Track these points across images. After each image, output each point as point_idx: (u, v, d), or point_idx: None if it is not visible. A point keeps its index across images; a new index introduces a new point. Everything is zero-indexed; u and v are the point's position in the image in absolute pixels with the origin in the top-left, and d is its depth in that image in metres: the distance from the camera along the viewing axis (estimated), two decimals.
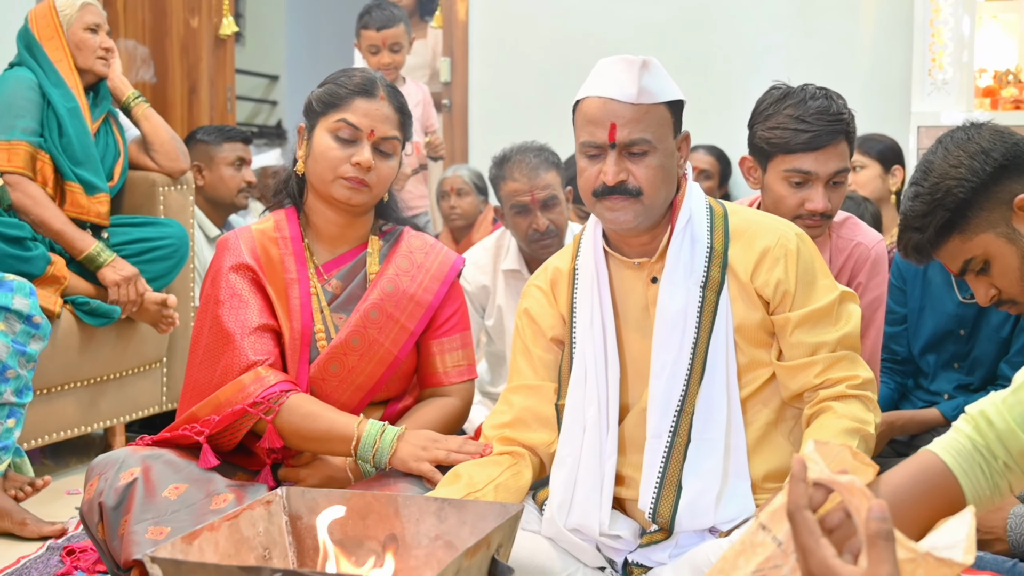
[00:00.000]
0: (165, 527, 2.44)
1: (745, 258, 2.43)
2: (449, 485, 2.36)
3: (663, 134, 2.38)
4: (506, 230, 4.07)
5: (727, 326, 2.40)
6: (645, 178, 2.36)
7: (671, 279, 2.42)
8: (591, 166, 2.41)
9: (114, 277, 3.73)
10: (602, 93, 2.37)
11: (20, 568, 2.92)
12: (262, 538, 2.02)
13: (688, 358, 2.39)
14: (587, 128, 2.40)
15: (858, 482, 1.33)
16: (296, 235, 2.78)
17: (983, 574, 1.78)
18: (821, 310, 2.40)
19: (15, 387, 3.27)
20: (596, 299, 2.47)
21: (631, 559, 2.42)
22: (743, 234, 2.46)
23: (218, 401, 2.61)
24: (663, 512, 2.35)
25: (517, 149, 3.89)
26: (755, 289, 2.42)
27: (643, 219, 2.40)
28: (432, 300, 2.81)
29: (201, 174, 4.84)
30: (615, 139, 2.35)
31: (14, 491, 3.32)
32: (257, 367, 2.62)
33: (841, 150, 2.91)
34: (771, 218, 2.53)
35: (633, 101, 2.34)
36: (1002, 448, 1.73)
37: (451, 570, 1.68)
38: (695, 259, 2.43)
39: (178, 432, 2.63)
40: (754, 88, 3.18)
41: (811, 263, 2.44)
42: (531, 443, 2.51)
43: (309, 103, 2.77)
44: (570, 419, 2.47)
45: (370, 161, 2.68)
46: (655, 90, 2.36)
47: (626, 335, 2.48)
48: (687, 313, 2.40)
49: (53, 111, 3.83)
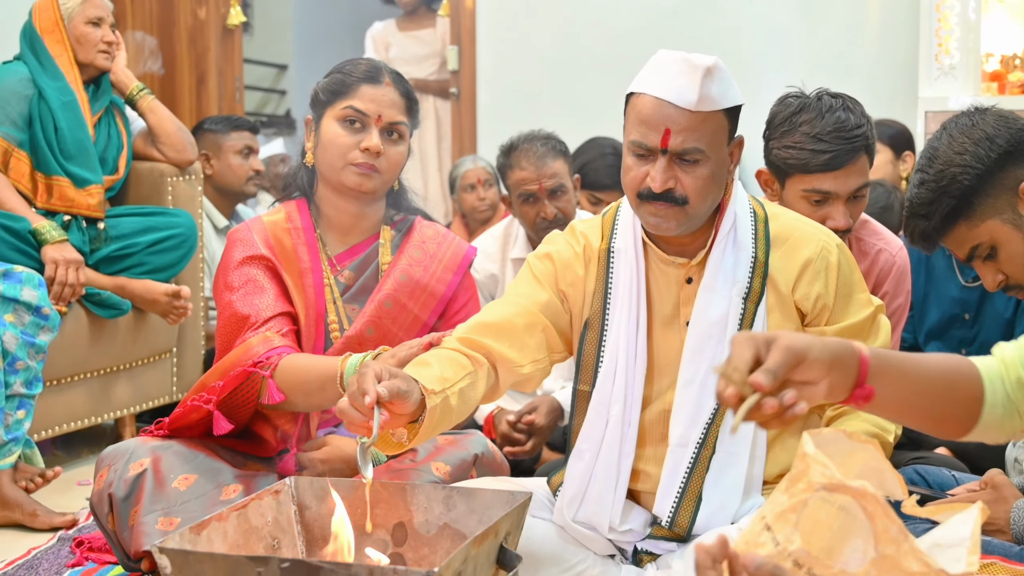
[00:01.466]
0: (175, 518, 2.45)
1: (786, 268, 2.36)
2: (420, 368, 2.19)
3: (718, 143, 2.26)
4: (514, 218, 4.06)
5: None
6: (693, 188, 2.24)
7: (711, 286, 2.34)
8: (638, 166, 2.27)
9: (54, 255, 3.64)
10: (659, 94, 2.22)
11: (31, 559, 2.93)
12: (271, 528, 2.02)
13: None
14: (639, 128, 2.25)
15: (870, 487, 1.31)
16: (308, 226, 2.78)
17: (991, 558, 1.78)
18: (857, 325, 2.36)
19: (25, 378, 3.27)
20: (634, 292, 2.38)
21: (641, 547, 2.41)
22: (784, 242, 2.38)
23: (225, 366, 2.60)
24: (681, 522, 2.31)
25: (524, 138, 3.88)
26: (795, 302, 2.35)
27: (686, 227, 2.31)
28: (445, 290, 2.81)
29: (209, 163, 4.87)
30: (668, 145, 2.22)
31: (24, 482, 3.33)
32: (266, 333, 2.61)
33: (861, 165, 2.83)
34: (811, 225, 2.45)
35: (692, 108, 2.20)
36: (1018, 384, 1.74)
37: (459, 559, 1.68)
38: (738, 268, 2.35)
39: (189, 404, 2.61)
40: (762, 75, 3.17)
41: (850, 276, 2.38)
42: (497, 353, 2.36)
43: (315, 93, 2.77)
44: (594, 413, 2.40)
45: (379, 146, 2.68)
46: (716, 97, 2.23)
47: (655, 331, 2.41)
48: (727, 324, 2.33)
49: (46, 104, 3.81)
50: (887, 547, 1.28)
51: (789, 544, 1.31)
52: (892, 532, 1.28)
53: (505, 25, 6.70)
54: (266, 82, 9.52)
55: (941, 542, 1.41)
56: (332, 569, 1.64)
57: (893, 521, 1.29)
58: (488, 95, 6.77)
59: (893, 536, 1.28)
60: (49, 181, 3.81)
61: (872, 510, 1.30)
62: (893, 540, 1.28)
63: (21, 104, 3.79)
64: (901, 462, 2.93)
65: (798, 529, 1.32)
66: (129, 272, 3.95)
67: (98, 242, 3.89)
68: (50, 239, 3.62)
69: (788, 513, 1.33)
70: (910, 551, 1.28)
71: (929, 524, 2.03)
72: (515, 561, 1.86)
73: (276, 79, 9.63)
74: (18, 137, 3.76)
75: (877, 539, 1.29)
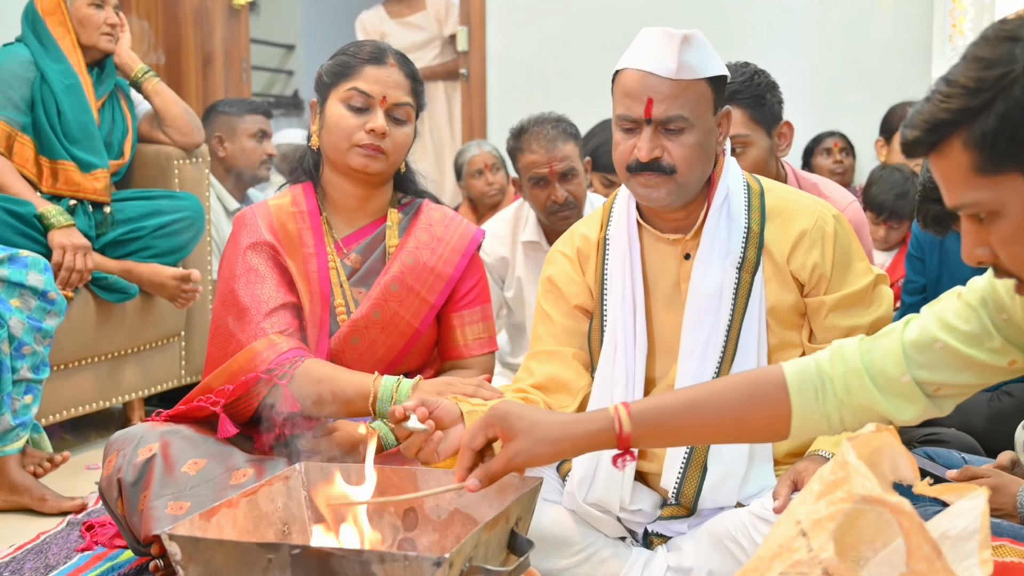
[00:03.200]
0: (185, 502, 2.44)
1: (782, 240, 2.40)
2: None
3: (702, 111, 2.31)
4: (524, 201, 4.05)
5: (760, 308, 2.38)
6: (680, 156, 2.30)
7: (706, 258, 2.38)
8: (626, 140, 2.34)
9: (62, 240, 3.63)
10: (640, 66, 2.29)
11: (40, 544, 2.92)
12: (281, 513, 2.01)
13: (722, 340, 2.36)
14: (624, 101, 2.32)
15: (907, 505, 1.31)
16: (314, 209, 2.77)
17: (1000, 540, 1.77)
18: (856, 294, 2.37)
19: (32, 363, 3.26)
20: (628, 274, 2.43)
21: (651, 529, 2.42)
22: (780, 214, 2.42)
23: (231, 370, 2.60)
24: (687, 492, 2.35)
25: (534, 120, 3.87)
26: (791, 272, 2.38)
27: (677, 197, 2.35)
28: (453, 273, 2.80)
29: (223, 145, 4.87)
30: (651, 115, 2.28)
31: (33, 467, 3.32)
32: (270, 335, 2.60)
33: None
34: (808, 198, 2.48)
35: (672, 76, 2.26)
36: (842, 384, 1.78)
37: (470, 544, 1.67)
38: (732, 239, 2.39)
39: (193, 404, 2.62)
40: (776, 56, 3.15)
41: (847, 246, 2.40)
42: (553, 404, 2.48)
43: (320, 76, 2.76)
44: (598, 395, 2.44)
45: (384, 127, 2.67)
46: (696, 65, 2.29)
47: (655, 310, 2.45)
48: (722, 294, 2.37)
49: (49, 88, 3.79)
50: (919, 564, 1.28)
51: (822, 552, 1.31)
52: (925, 551, 1.29)
53: (515, 5, 6.68)
54: (273, 62, 9.49)
55: (950, 533, 1.41)
56: (343, 555, 1.62)
57: (927, 540, 1.29)
58: (498, 76, 6.74)
59: (926, 555, 1.29)
60: (54, 165, 3.79)
61: (908, 527, 1.30)
62: (926, 558, 1.29)
63: (23, 87, 3.77)
64: (914, 439, 2.93)
65: (833, 538, 1.31)
66: (136, 256, 3.94)
67: (104, 226, 3.88)
68: (57, 224, 3.60)
69: (826, 521, 1.33)
70: (942, 569, 1.28)
71: (938, 507, 2.04)
72: (526, 546, 1.85)
73: (283, 59, 9.61)
74: (21, 121, 3.74)
75: (910, 555, 1.29)
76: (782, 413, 1.80)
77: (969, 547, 1.38)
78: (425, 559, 1.58)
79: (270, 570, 1.65)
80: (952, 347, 1.73)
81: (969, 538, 1.38)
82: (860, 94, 5.99)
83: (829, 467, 1.40)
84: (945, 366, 1.74)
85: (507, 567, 1.74)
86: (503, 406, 1.85)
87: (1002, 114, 1.40)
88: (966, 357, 1.73)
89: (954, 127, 1.45)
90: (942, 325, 1.74)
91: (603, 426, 1.81)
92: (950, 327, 1.73)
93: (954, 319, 1.73)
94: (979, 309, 1.72)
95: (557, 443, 1.80)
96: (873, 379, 1.77)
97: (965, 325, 1.72)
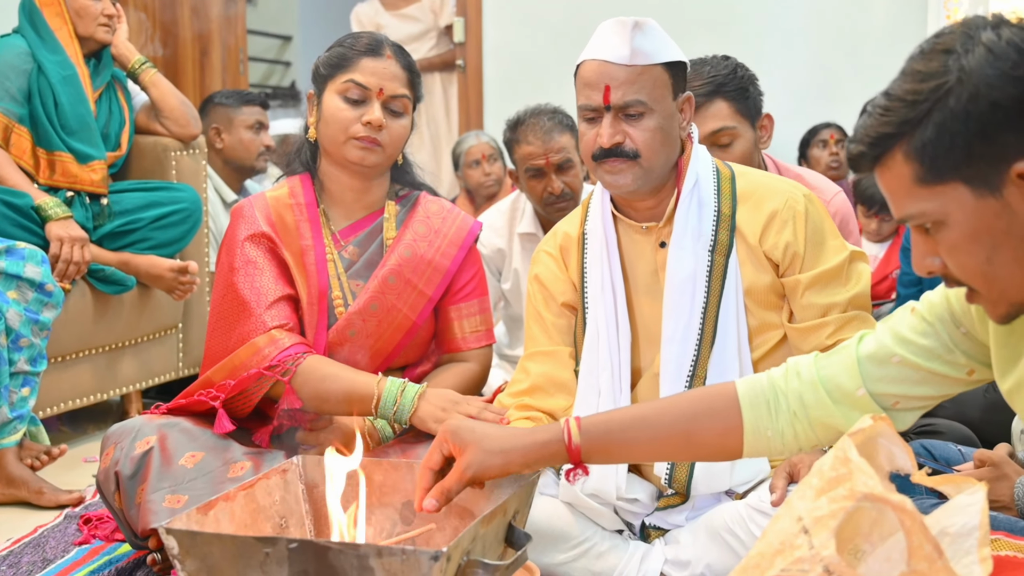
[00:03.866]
0: (183, 495, 2.44)
1: (753, 221, 2.42)
2: None
3: (660, 95, 2.36)
4: (521, 193, 4.04)
5: (736, 290, 2.39)
6: (642, 140, 2.35)
7: (679, 244, 2.41)
8: (590, 130, 2.40)
9: (59, 232, 3.62)
10: (597, 56, 2.36)
11: (37, 537, 2.92)
12: (279, 507, 2.01)
13: (699, 323, 2.38)
14: (584, 91, 2.39)
15: (909, 503, 1.31)
16: (311, 201, 2.77)
17: (996, 534, 1.77)
18: (831, 271, 2.39)
19: (29, 356, 3.26)
20: (606, 264, 2.46)
21: (648, 522, 2.43)
22: (751, 196, 2.45)
23: (232, 365, 2.61)
24: (679, 477, 2.36)
25: (531, 112, 3.87)
26: (764, 252, 2.41)
27: (643, 182, 2.38)
28: (450, 265, 2.80)
29: (220, 137, 4.86)
30: (609, 101, 2.34)
31: (30, 460, 3.32)
32: (272, 331, 2.61)
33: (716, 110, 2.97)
34: (779, 180, 2.51)
35: (626, 62, 2.33)
36: (797, 399, 1.79)
37: (467, 537, 1.67)
38: (703, 223, 2.42)
39: (193, 398, 2.62)
40: (772, 45, 3.15)
41: (820, 224, 2.42)
42: (549, 409, 2.50)
43: (316, 68, 2.76)
44: (584, 384, 2.47)
45: (381, 120, 2.67)
46: (649, 51, 2.34)
47: (636, 300, 2.48)
48: (696, 278, 2.39)
49: (46, 79, 3.78)
50: (920, 563, 1.28)
51: (823, 549, 1.31)
52: (927, 550, 1.29)
53: None
54: (270, 53, 9.49)
55: (949, 530, 1.41)
56: (340, 549, 1.63)
57: (928, 540, 1.29)
58: (495, 67, 6.74)
59: (927, 554, 1.29)
60: (51, 157, 3.78)
61: (909, 526, 1.30)
62: (927, 558, 1.29)
63: (20, 79, 3.76)
64: (910, 431, 2.93)
65: (835, 536, 1.31)
66: (133, 248, 3.93)
67: (101, 218, 3.87)
68: (54, 216, 3.60)
69: (828, 519, 1.33)
70: (943, 569, 1.28)
71: (935, 500, 2.03)
72: (524, 539, 1.85)
73: (280, 50, 9.60)
74: (18, 112, 3.73)
75: (911, 554, 1.29)
76: (733, 429, 1.80)
77: (968, 544, 1.38)
78: (422, 553, 1.58)
79: (267, 564, 1.66)
80: (910, 360, 1.73)
81: (968, 535, 1.38)
82: (856, 85, 5.97)
83: (829, 462, 1.39)
84: (903, 379, 1.75)
85: (504, 561, 1.74)
86: (454, 421, 1.88)
87: (939, 124, 1.44)
88: (924, 370, 1.73)
89: (895, 140, 1.48)
90: (898, 340, 1.75)
91: (552, 438, 1.83)
92: (906, 341, 1.74)
93: (910, 334, 1.74)
94: (936, 325, 1.72)
95: (506, 454, 1.81)
96: (829, 393, 1.78)
97: (923, 340, 1.73)
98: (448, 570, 1.60)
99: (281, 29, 9.45)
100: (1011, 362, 1.64)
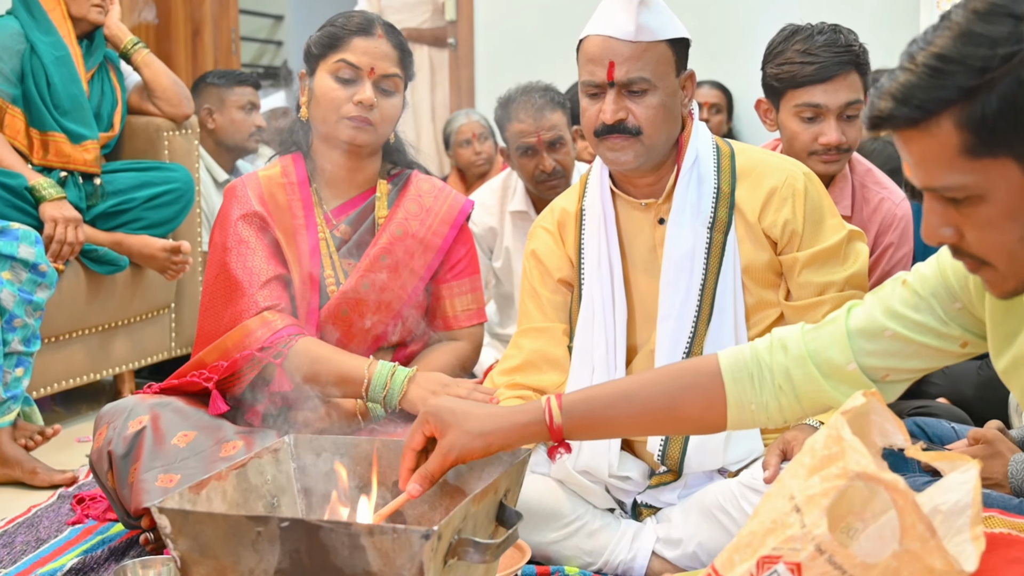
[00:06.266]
0: (175, 474, 2.44)
1: (752, 198, 2.42)
2: None
3: (664, 72, 2.36)
4: (512, 171, 4.04)
5: (735, 267, 2.39)
6: (645, 117, 2.35)
7: (678, 220, 2.41)
8: (592, 105, 2.39)
9: (53, 213, 3.61)
10: (601, 31, 2.36)
11: (31, 517, 2.93)
12: (270, 486, 2.01)
13: (696, 300, 2.38)
14: (587, 67, 2.38)
15: (902, 483, 1.31)
16: (303, 180, 2.77)
17: (990, 511, 1.77)
18: (829, 249, 2.39)
19: (22, 336, 3.26)
20: (603, 241, 2.46)
21: (640, 500, 2.43)
22: (750, 174, 2.45)
23: (225, 346, 2.61)
24: (672, 454, 2.36)
25: (522, 90, 3.86)
26: (763, 229, 2.40)
27: (644, 159, 2.38)
28: (441, 244, 2.80)
29: (212, 117, 4.85)
30: (613, 77, 2.34)
31: (24, 440, 3.32)
32: (264, 312, 2.61)
33: (851, 81, 2.86)
34: (779, 157, 2.50)
35: (631, 39, 2.33)
36: (783, 373, 1.77)
37: (459, 516, 1.67)
38: (702, 200, 2.41)
39: (185, 379, 2.63)
40: (764, 25, 3.14)
41: (819, 202, 2.42)
42: (541, 385, 2.50)
43: (308, 47, 2.76)
44: (578, 361, 2.47)
45: (372, 99, 2.67)
46: (655, 27, 2.34)
47: (634, 276, 2.47)
48: (694, 255, 2.39)
49: (39, 60, 3.78)
50: (912, 543, 1.28)
51: (815, 528, 1.31)
52: (919, 530, 1.28)
53: None
54: (262, 33, 9.46)
55: (942, 508, 1.40)
56: (332, 528, 1.63)
57: (921, 519, 1.28)
58: (486, 45, 6.71)
59: (920, 533, 1.28)
60: (44, 137, 3.78)
61: (902, 505, 1.30)
62: (919, 537, 1.28)
63: (13, 59, 3.75)
64: (902, 412, 2.93)
65: (826, 514, 1.31)
66: (126, 228, 3.93)
67: (95, 198, 3.87)
68: (48, 196, 3.59)
69: (820, 498, 1.33)
70: (936, 548, 1.28)
71: (928, 478, 2.04)
72: (515, 518, 1.85)
73: (272, 30, 9.57)
74: (11, 93, 3.73)
75: (903, 534, 1.29)
76: (716, 403, 1.79)
77: (960, 522, 1.37)
78: (413, 531, 1.59)
79: (259, 543, 1.66)
80: (902, 335, 1.71)
81: (961, 513, 1.38)
82: None
83: (821, 440, 1.39)
84: (894, 353, 1.73)
85: (496, 539, 1.74)
86: (435, 401, 1.85)
87: (1005, 96, 1.31)
88: (917, 343, 1.71)
89: (947, 105, 1.34)
90: (890, 313, 1.72)
91: (534, 418, 1.81)
92: (898, 315, 1.71)
93: (902, 307, 1.71)
94: (930, 299, 1.69)
95: (488, 435, 1.78)
96: (818, 367, 1.76)
97: (915, 314, 1.70)
98: (439, 548, 1.60)
99: (273, 9, 9.42)
100: (1007, 341, 1.63)
